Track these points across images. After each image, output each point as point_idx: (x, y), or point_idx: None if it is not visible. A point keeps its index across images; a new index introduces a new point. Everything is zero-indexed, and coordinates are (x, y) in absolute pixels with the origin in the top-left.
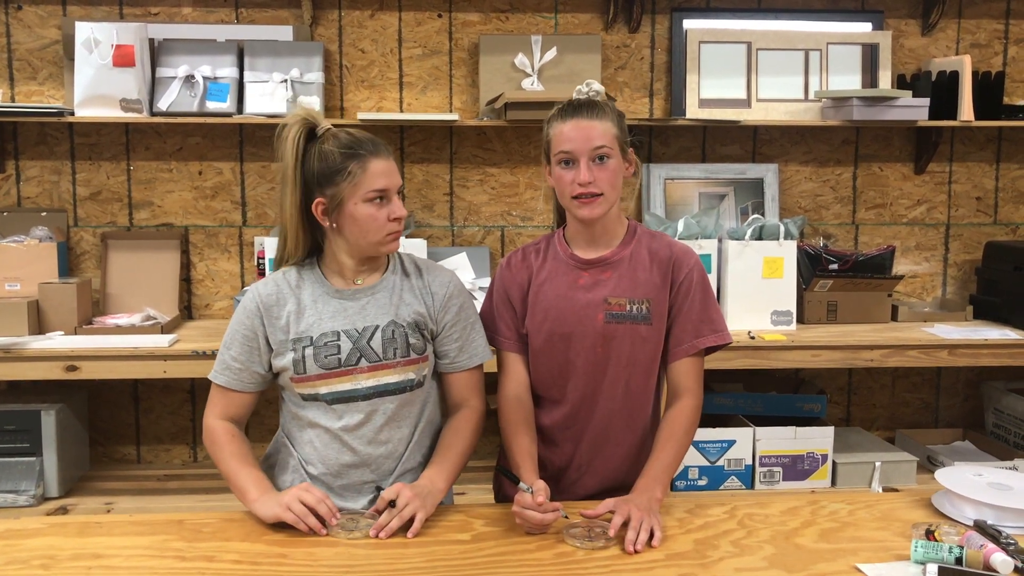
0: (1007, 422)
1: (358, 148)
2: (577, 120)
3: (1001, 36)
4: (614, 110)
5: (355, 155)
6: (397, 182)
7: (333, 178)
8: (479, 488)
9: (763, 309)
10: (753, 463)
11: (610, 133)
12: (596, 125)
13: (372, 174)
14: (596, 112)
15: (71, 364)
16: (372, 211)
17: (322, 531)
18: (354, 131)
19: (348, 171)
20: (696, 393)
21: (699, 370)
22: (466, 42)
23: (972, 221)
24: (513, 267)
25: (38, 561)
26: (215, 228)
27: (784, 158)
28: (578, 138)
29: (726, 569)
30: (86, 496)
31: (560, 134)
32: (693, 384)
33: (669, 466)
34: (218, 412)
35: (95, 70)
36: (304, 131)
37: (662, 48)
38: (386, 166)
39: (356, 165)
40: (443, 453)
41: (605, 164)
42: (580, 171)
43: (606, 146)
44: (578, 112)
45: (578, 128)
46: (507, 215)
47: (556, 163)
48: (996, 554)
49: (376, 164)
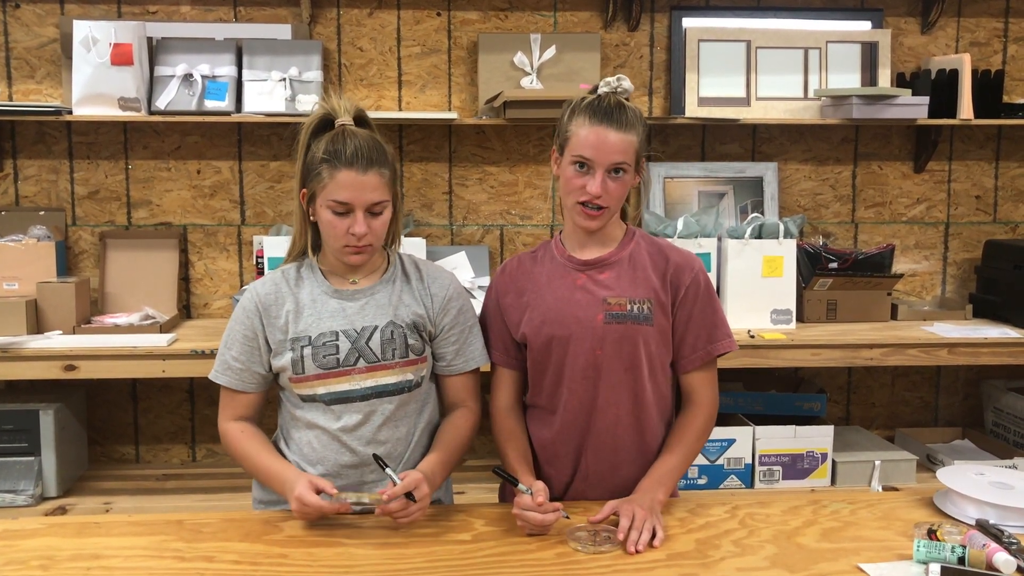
0: (1007, 421)
1: (336, 156)
2: (604, 128)
3: (1001, 34)
4: (640, 118)
5: (329, 161)
6: (367, 199)
7: (311, 174)
8: (479, 488)
9: (763, 308)
10: (753, 462)
11: (632, 147)
12: (621, 138)
13: (337, 184)
14: (624, 122)
15: (69, 363)
16: (332, 219)
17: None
18: (361, 137)
19: (320, 173)
20: (711, 402)
21: (713, 378)
22: (465, 40)
23: (971, 220)
24: (508, 274)
25: (37, 562)
26: (214, 227)
27: (783, 157)
28: (600, 148)
29: (728, 569)
30: (85, 496)
31: (582, 137)
32: (709, 393)
33: (674, 469)
34: (229, 415)
35: (93, 69)
36: (317, 123)
37: (661, 46)
38: (355, 180)
39: (327, 170)
40: (441, 446)
41: (619, 178)
42: (594, 181)
43: (625, 162)
44: (607, 119)
45: (602, 138)
46: (506, 214)
47: (570, 162)
48: (999, 554)
49: (345, 176)
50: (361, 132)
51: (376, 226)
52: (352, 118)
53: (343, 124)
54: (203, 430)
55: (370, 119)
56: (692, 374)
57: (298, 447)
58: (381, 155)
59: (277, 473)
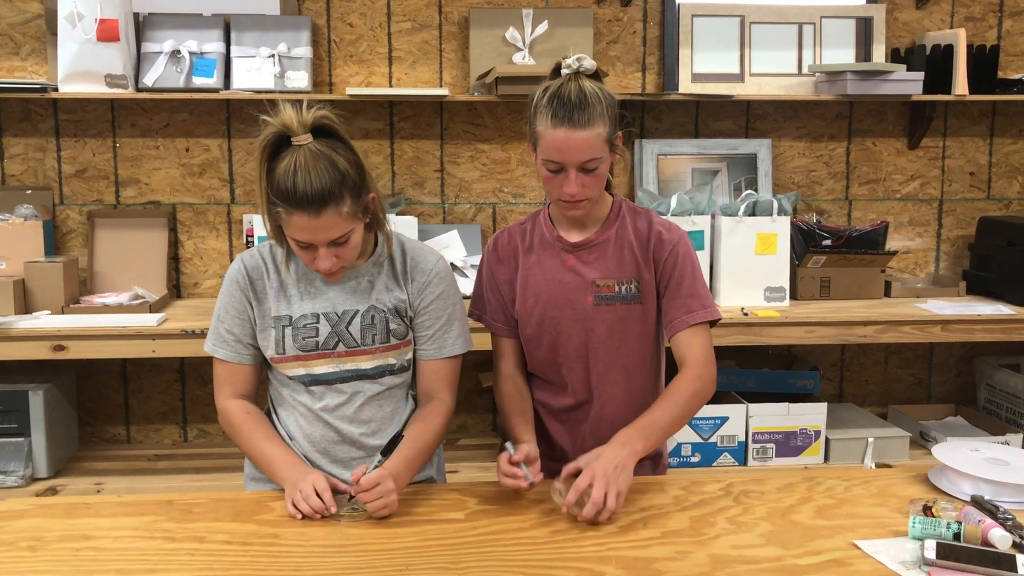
0: (999, 397)
1: (287, 199)
2: (568, 130)
3: (996, 9)
4: (604, 101)
5: (283, 204)
6: (326, 238)
7: (271, 207)
8: (473, 466)
9: (756, 285)
10: (746, 440)
11: (601, 139)
12: (587, 136)
13: (293, 226)
14: (587, 120)
15: (58, 344)
16: (299, 250)
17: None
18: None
19: (277, 210)
20: (699, 362)
21: (702, 341)
22: (456, 16)
23: (965, 196)
24: (500, 249)
25: (25, 543)
26: (203, 206)
27: (777, 133)
28: (568, 151)
29: (723, 546)
30: (75, 476)
31: (549, 141)
32: (697, 353)
33: (658, 421)
34: (227, 392)
35: (79, 45)
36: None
37: (654, 22)
38: (310, 224)
39: (283, 210)
40: (408, 444)
41: (594, 171)
42: (569, 182)
43: (596, 156)
44: (569, 120)
45: (568, 141)
46: (499, 192)
47: (541, 162)
48: (994, 529)
49: (299, 219)
50: (317, 156)
51: (345, 252)
52: (310, 131)
53: (299, 143)
54: (194, 410)
55: (334, 124)
56: (680, 336)
57: (285, 424)
58: (338, 185)
59: (282, 462)
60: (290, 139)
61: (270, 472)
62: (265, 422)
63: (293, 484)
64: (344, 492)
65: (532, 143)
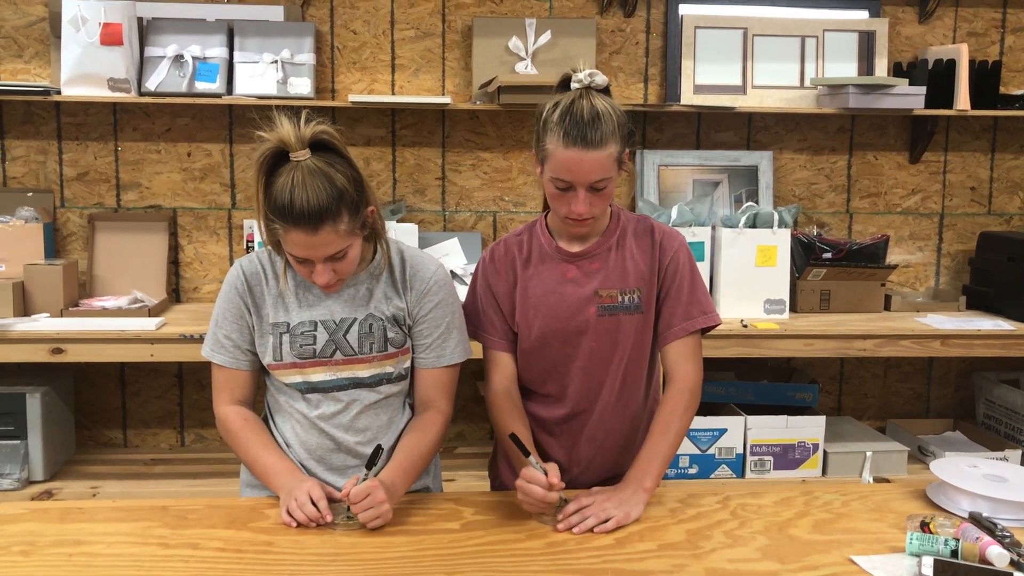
0: (998, 413)
1: (284, 215)
2: (580, 151)
3: (998, 25)
4: (616, 120)
5: (280, 221)
6: (323, 254)
7: (268, 223)
8: (469, 476)
9: (756, 297)
10: (744, 452)
11: (611, 159)
12: (598, 157)
13: (291, 242)
14: (599, 140)
15: (57, 347)
16: (297, 265)
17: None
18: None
19: (275, 226)
20: (691, 375)
21: (693, 351)
22: (459, 24)
23: (966, 211)
24: (497, 262)
25: (18, 547)
26: (204, 210)
27: (779, 145)
28: (578, 172)
29: (719, 560)
30: (72, 480)
31: (558, 159)
32: (689, 366)
33: (659, 454)
34: (226, 398)
35: (82, 48)
36: (270, 156)
37: (657, 33)
38: (307, 240)
39: (280, 226)
40: (403, 454)
41: (602, 191)
42: (577, 201)
43: (606, 177)
44: (583, 139)
45: (580, 161)
46: (500, 200)
47: (549, 179)
48: (992, 547)
49: (296, 236)
50: (314, 172)
51: (342, 266)
52: (309, 146)
53: (297, 159)
54: (191, 415)
55: (333, 139)
56: (671, 347)
57: (281, 431)
58: (335, 202)
59: (278, 470)
60: (288, 154)
61: (266, 480)
62: (263, 429)
63: (288, 492)
64: (340, 500)
65: (540, 158)
